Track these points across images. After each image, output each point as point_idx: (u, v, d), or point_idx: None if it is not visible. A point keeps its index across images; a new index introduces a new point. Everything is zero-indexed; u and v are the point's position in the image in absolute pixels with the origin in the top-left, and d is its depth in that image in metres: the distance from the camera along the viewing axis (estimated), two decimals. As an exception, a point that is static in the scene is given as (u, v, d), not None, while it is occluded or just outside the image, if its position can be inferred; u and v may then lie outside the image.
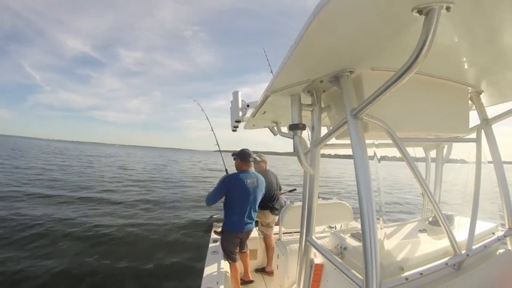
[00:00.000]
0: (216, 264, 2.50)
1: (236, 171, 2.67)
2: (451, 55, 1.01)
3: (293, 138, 1.27)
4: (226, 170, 3.52)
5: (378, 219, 1.10)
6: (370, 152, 1.01)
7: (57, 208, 6.98)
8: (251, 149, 2.69)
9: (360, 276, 0.92)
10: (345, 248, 1.26)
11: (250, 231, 2.69)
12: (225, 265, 2.53)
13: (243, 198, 2.53)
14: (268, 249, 3.09)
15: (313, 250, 1.30)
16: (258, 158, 3.23)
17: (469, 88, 1.36)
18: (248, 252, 2.85)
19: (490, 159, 1.36)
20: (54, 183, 10.81)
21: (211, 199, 2.56)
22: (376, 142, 1.28)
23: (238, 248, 2.65)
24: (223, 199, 2.60)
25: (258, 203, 2.68)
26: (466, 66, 1.15)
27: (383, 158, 1.33)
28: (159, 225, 6.15)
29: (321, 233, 2.49)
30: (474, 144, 1.35)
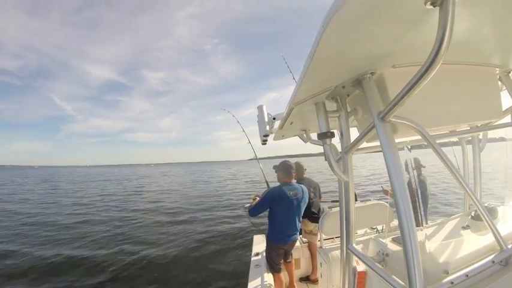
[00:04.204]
0: (259, 278, 2.49)
1: (279, 184, 2.62)
2: (473, 39, 0.94)
3: (323, 147, 1.24)
4: (267, 182, 3.56)
5: (418, 218, 1.08)
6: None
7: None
8: (286, 152, 2.71)
9: (404, 284, 0.90)
10: (387, 254, 1.23)
11: (295, 241, 2.68)
12: (269, 277, 2.52)
13: (287, 210, 2.51)
14: (313, 257, 3.03)
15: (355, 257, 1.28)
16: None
17: (497, 69, 1.28)
18: (293, 261, 2.83)
19: None
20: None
21: (255, 212, 2.56)
22: (408, 140, 1.24)
23: (282, 258, 2.65)
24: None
25: (302, 213, 2.65)
26: (490, 48, 1.07)
27: (413, 148, 1.30)
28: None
29: (362, 236, 2.43)
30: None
